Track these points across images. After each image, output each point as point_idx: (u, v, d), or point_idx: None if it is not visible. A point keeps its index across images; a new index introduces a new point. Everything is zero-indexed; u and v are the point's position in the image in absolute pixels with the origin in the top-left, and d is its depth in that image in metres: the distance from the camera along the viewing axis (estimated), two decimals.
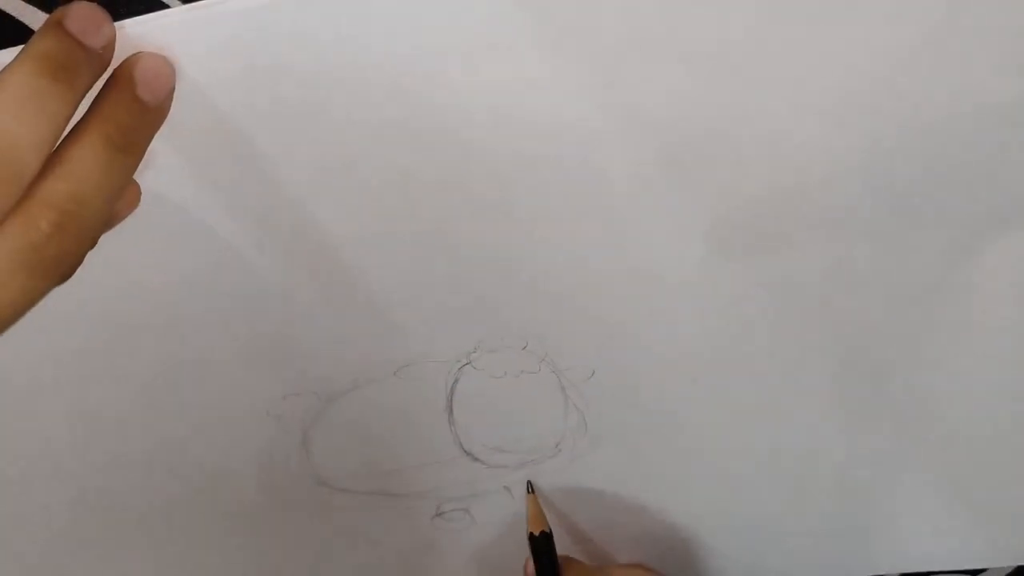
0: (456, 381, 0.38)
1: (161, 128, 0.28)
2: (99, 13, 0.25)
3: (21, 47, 0.25)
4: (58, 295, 0.24)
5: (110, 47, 0.26)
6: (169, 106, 0.27)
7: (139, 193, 0.29)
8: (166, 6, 0.29)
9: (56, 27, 0.25)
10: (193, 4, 0.27)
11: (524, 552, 0.42)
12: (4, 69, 0.24)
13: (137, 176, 0.28)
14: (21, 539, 0.42)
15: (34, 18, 0.32)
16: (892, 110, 0.30)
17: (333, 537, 0.43)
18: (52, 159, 0.25)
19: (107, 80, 0.26)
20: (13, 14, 0.32)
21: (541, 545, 0.41)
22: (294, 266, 0.34)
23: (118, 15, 0.26)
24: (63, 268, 0.25)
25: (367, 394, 0.39)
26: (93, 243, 0.26)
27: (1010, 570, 0.45)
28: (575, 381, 0.38)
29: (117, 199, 0.27)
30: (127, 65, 0.26)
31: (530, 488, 0.41)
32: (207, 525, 0.42)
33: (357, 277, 0.35)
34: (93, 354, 0.36)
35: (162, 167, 0.30)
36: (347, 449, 0.40)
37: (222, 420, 0.39)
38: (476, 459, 0.41)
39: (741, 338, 0.36)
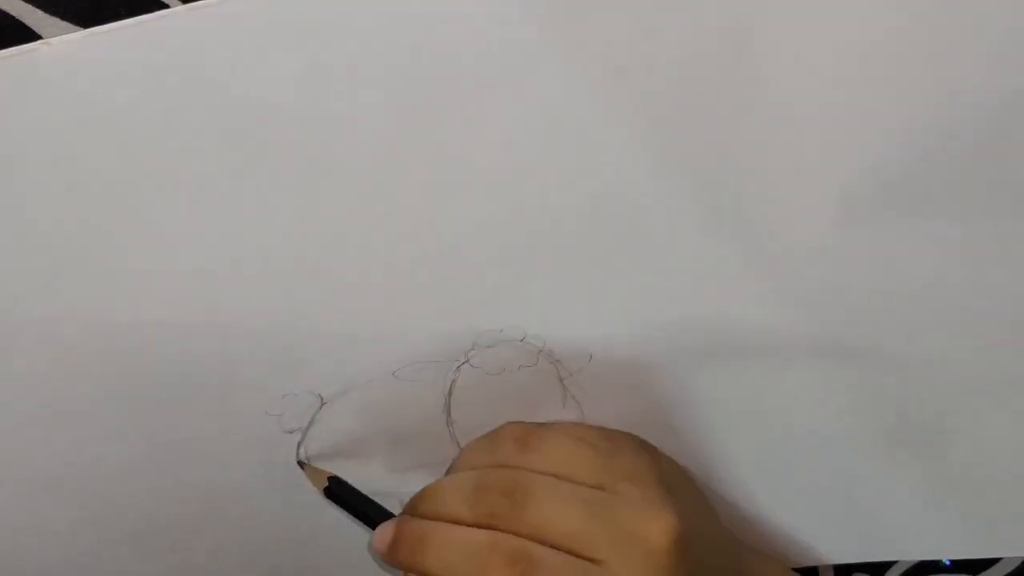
0: (454, 382, 0.38)
1: (161, 126, 0.28)
2: None
3: (22, 48, 0.25)
4: (55, 295, 0.24)
5: None
6: None
7: None
8: (166, 6, 0.29)
9: None
10: (193, 4, 0.27)
11: None
12: None
13: (137, 175, 0.28)
14: (21, 546, 0.41)
15: (34, 18, 0.32)
16: (890, 101, 0.30)
17: (331, 538, 0.43)
18: None
19: None
20: (13, 14, 0.32)
21: (336, 491, 0.37)
22: (292, 266, 0.34)
23: (118, 15, 0.26)
24: None
25: (365, 394, 0.39)
26: None
27: (1022, 560, 0.45)
28: (573, 370, 0.38)
29: None
30: None
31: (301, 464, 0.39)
32: (204, 525, 0.42)
33: (355, 277, 0.35)
34: (90, 354, 0.36)
35: (162, 165, 0.30)
36: (345, 450, 0.40)
37: (220, 420, 0.39)
38: None
39: (740, 320, 0.36)
